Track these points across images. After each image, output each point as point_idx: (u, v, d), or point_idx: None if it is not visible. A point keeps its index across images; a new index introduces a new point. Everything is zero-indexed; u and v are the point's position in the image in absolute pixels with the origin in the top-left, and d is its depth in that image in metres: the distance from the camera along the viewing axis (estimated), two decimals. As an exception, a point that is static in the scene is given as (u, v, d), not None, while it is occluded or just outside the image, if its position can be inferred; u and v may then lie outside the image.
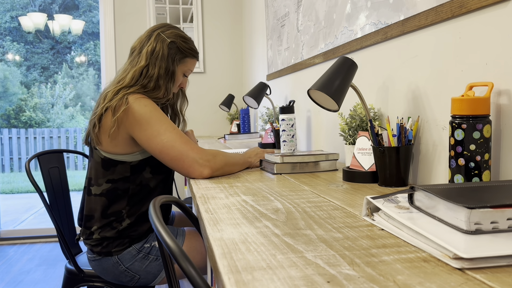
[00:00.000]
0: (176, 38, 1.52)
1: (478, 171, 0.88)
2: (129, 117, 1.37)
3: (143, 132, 1.38)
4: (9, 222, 4.86)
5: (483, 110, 0.88)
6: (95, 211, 1.46)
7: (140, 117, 1.37)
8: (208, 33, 3.96)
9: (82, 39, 12.56)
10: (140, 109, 1.38)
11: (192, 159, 1.35)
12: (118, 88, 1.43)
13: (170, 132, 1.38)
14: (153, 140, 1.37)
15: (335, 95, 1.09)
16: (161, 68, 1.48)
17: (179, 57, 1.53)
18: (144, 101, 1.40)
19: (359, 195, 1.03)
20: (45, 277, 3.07)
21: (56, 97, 12.38)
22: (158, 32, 1.52)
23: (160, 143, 1.37)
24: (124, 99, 1.38)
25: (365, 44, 1.47)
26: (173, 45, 1.51)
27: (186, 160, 1.36)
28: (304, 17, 2.12)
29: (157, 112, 1.40)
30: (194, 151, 1.36)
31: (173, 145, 1.36)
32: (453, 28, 1.04)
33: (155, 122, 1.38)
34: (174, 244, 0.60)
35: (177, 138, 1.38)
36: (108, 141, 1.41)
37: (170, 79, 1.51)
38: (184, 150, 1.36)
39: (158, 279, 1.48)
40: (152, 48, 1.48)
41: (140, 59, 1.48)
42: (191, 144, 1.38)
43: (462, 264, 0.55)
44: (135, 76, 1.45)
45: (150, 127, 1.37)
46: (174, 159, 1.37)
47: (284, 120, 1.87)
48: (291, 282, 0.52)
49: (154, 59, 1.47)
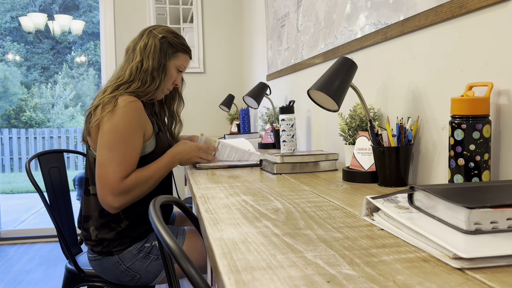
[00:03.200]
0: (167, 33, 1.56)
1: (477, 171, 0.88)
2: (106, 117, 1.38)
3: (101, 136, 1.38)
4: (9, 222, 4.87)
5: (483, 110, 0.88)
6: (92, 211, 1.46)
7: (109, 124, 1.37)
8: (208, 33, 3.96)
9: (82, 39, 12.56)
10: (116, 116, 1.37)
11: (107, 190, 1.35)
12: (118, 84, 1.46)
13: (112, 151, 1.36)
14: (100, 149, 1.38)
15: (335, 95, 1.10)
16: (154, 60, 1.51)
17: (171, 52, 1.56)
18: (127, 109, 1.39)
19: (359, 195, 1.03)
20: (45, 277, 3.07)
21: (56, 97, 12.38)
22: (149, 30, 1.57)
23: (101, 156, 1.37)
24: (114, 99, 1.40)
25: (365, 44, 1.47)
26: (164, 39, 1.54)
27: (102, 187, 1.36)
28: (304, 17, 2.12)
29: (126, 128, 1.38)
30: (114, 183, 1.35)
31: (103, 165, 1.36)
32: (453, 28, 1.04)
33: (115, 134, 1.37)
34: (174, 244, 0.60)
35: (113, 161, 1.36)
36: (94, 134, 1.42)
37: (162, 71, 1.53)
38: (106, 176, 1.35)
39: (159, 278, 1.48)
40: (145, 44, 1.52)
41: (135, 56, 1.52)
42: (120, 173, 1.36)
43: (462, 264, 0.55)
44: (133, 72, 1.49)
45: (106, 136, 1.37)
46: (97, 178, 1.38)
47: (284, 120, 1.87)
48: (291, 282, 0.52)
49: (147, 53, 1.51)
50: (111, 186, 1.35)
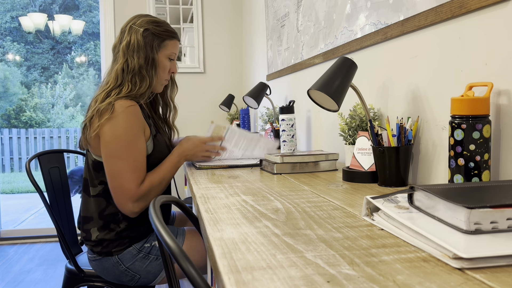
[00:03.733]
0: (148, 24, 1.50)
1: (477, 171, 0.89)
2: (106, 125, 1.37)
3: (105, 145, 1.38)
4: (9, 222, 4.87)
5: (483, 110, 0.88)
6: (92, 212, 1.46)
7: (111, 132, 1.36)
8: (208, 33, 3.96)
9: (82, 39, 12.56)
10: (117, 123, 1.36)
11: (127, 198, 1.37)
12: (108, 90, 1.43)
13: (123, 160, 1.37)
14: (107, 159, 1.38)
15: (335, 95, 1.10)
16: (140, 58, 1.46)
17: (158, 42, 1.50)
18: (126, 115, 1.38)
19: (359, 195, 1.03)
20: (45, 277, 3.07)
21: (56, 97, 12.39)
22: (130, 25, 1.50)
23: (110, 166, 1.38)
24: (111, 105, 1.37)
25: (365, 44, 1.47)
26: (147, 32, 1.49)
27: (121, 196, 1.38)
28: (304, 17, 2.12)
29: (129, 133, 1.38)
30: (132, 191, 1.37)
31: (118, 175, 1.37)
32: (453, 28, 1.04)
33: (120, 142, 1.37)
34: (174, 244, 0.60)
35: (127, 170, 1.37)
36: (95, 143, 1.42)
37: (151, 67, 1.48)
38: (123, 186, 1.37)
39: (159, 278, 1.48)
40: (127, 42, 1.47)
41: (119, 57, 1.47)
42: (136, 180, 1.38)
43: (462, 264, 0.55)
44: (119, 74, 1.44)
45: (112, 145, 1.37)
46: (113, 188, 1.39)
47: (284, 120, 1.87)
48: (291, 282, 0.52)
49: (131, 52, 1.46)
50: (130, 194, 1.37)
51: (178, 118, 1.74)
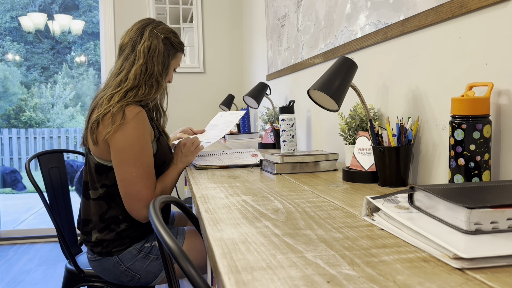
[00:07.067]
0: (169, 33, 1.54)
1: (478, 171, 0.88)
2: (117, 133, 1.36)
3: (116, 153, 1.38)
4: (9, 222, 4.86)
5: (483, 110, 0.88)
6: (92, 215, 1.46)
7: (123, 139, 1.36)
8: (208, 33, 3.96)
9: (82, 39, 12.56)
10: (128, 130, 1.36)
11: (143, 204, 1.39)
12: (125, 90, 1.42)
13: (138, 167, 1.38)
14: (121, 167, 1.38)
15: (335, 95, 1.10)
16: (159, 64, 1.49)
17: (173, 52, 1.56)
18: (137, 122, 1.38)
19: (359, 195, 1.03)
20: (45, 277, 3.07)
21: (56, 97, 12.38)
22: (150, 28, 1.51)
23: (124, 173, 1.38)
24: (122, 109, 1.36)
25: (365, 44, 1.47)
26: (167, 41, 1.53)
27: (137, 203, 1.39)
28: (304, 17, 2.12)
29: (141, 140, 1.39)
30: (150, 197, 1.40)
31: (134, 182, 1.38)
32: (453, 28, 1.04)
33: (133, 149, 1.37)
34: (174, 244, 0.60)
35: (142, 177, 1.39)
36: (103, 148, 1.40)
37: (165, 74, 1.53)
38: (140, 193, 1.39)
39: (159, 278, 1.48)
40: (148, 45, 1.48)
41: (138, 57, 1.46)
42: (151, 186, 1.41)
43: (462, 264, 0.55)
44: (137, 75, 1.44)
45: (125, 152, 1.37)
46: (127, 195, 1.40)
47: (284, 120, 1.87)
48: (291, 282, 0.52)
49: (151, 56, 1.47)
50: (147, 200, 1.40)
51: (178, 118, 1.75)
